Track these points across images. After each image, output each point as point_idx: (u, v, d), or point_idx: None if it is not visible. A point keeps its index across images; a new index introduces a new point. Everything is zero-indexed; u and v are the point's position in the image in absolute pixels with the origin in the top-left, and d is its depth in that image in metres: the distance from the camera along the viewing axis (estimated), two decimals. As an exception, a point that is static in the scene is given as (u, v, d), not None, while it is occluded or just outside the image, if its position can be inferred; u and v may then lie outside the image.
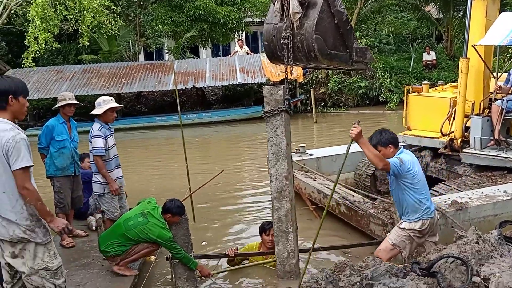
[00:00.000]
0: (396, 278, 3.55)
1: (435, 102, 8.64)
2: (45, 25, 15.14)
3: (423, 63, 20.95)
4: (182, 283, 5.31)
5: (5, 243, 3.55)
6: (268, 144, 5.09)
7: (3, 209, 3.49)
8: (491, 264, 3.56)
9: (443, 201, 6.26)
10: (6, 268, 3.63)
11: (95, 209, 6.99)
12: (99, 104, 5.93)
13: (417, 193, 4.68)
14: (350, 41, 4.17)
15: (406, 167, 4.61)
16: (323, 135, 15.68)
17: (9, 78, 3.68)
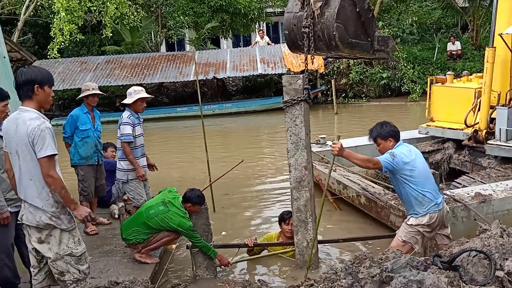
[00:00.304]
0: (416, 271, 3.51)
1: (459, 93, 8.53)
2: (69, 16, 15.36)
3: (447, 53, 20.55)
4: (202, 271, 5.36)
5: (32, 228, 3.63)
6: (287, 134, 5.08)
7: (30, 196, 3.56)
8: (515, 258, 3.53)
9: (466, 193, 6.18)
10: (33, 253, 3.71)
11: (117, 198, 7.10)
12: (130, 94, 6.07)
13: (419, 186, 4.57)
14: (371, 30, 4.12)
15: (400, 160, 4.51)
16: (343, 126, 15.57)
17: (36, 68, 3.73)
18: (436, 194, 4.64)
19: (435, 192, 4.63)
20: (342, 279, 3.49)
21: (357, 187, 7.09)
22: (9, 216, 4.40)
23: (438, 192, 4.70)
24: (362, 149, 8.84)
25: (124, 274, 5.04)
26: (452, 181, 7.58)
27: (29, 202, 3.57)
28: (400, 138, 4.80)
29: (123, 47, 20.93)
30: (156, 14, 21.52)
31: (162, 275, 5.30)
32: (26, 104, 3.57)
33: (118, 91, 20.46)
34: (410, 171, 4.54)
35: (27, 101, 3.57)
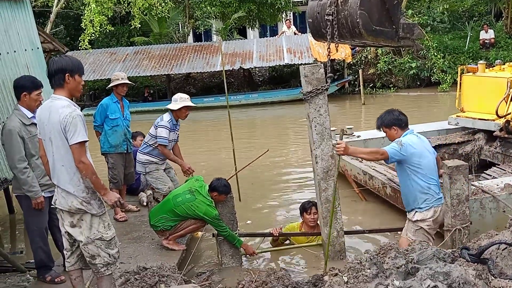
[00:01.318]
0: (443, 263, 3.48)
1: (491, 83, 8.33)
2: (99, 8, 15.62)
3: (480, 42, 20.03)
4: (227, 259, 5.43)
5: (64, 213, 3.74)
6: (312, 124, 5.03)
7: (62, 181, 3.66)
8: (547, 252, 3.47)
9: (495, 185, 6.09)
10: (66, 237, 3.82)
11: (146, 186, 7.21)
12: (175, 100, 6.20)
13: (425, 178, 4.51)
14: (396, 17, 4.04)
15: (408, 149, 4.44)
16: (371, 117, 15.34)
17: (66, 57, 3.82)
18: (439, 188, 4.61)
19: (438, 186, 4.60)
20: (367, 269, 3.49)
21: (383, 178, 7.04)
22: (43, 201, 4.55)
23: (439, 187, 4.67)
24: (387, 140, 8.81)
25: (152, 260, 5.14)
26: (482, 172, 7.48)
27: (61, 187, 3.68)
28: (409, 126, 4.72)
29: (151, 38, 21.14)
30: (183, 5, 21.63)
31: (188, 262, 5.38)
32: (57, 92, 3.66)
33: (147, 81, 20.73)
34: (418, 161, 4.48)
35: (58, 89, 3.66)
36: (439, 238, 5.70)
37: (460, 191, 5.22)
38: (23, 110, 4.56)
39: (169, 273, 4.53)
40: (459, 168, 5.21)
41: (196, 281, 4.83)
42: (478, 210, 5.58)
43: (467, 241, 4.95)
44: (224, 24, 21.89)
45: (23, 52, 5.85)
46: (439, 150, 8.32)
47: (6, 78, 5.35)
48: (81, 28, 16.75)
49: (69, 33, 22.63)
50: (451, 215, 5.27)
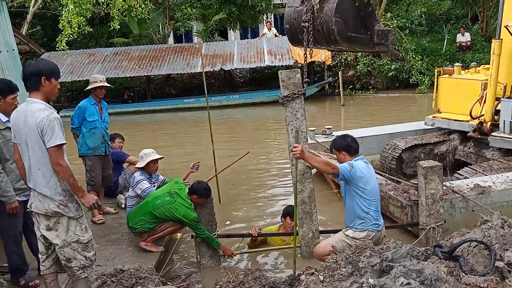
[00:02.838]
0: (416, 261, 3.54)
1: (466, 84, 8.49)
2: (78, 9, 15.47)
3: (457, 44, 20.40)
4: (206, 260, 5.45)
5: (40, 216, 3.71)
6: (288, 128, 5.11)
7: (39, 185, 3.64)
8: (515, 249, 3.55)
9: (466, 185, 6.23)
10: (42, 240, 3.80)
11: (124, 188, 7.18)
12: (141, 157, 6.14)
13: (366, 203, 4.59)
14: (371, 24, 4.12)
15: (357, 172, 4.53)
16: (350, 118, 15.55)
17: (43, 60, 3.79)
18: (378, 215, 4.68)
19: (378, 213, 4.67)
20: (342, 268, 3.54)
21: None
22: (18, 206, 4.49)
23: (380, 214, 4.73)
24: (368, 140, 8.93)
25: (129, 262, 5.13)
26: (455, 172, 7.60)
27: (38, 191, 3.65)
28: (358, 153, 4.80)
29: (131, 39, 20.99)
30: (163, 6, 21.53)
31: (166, 263, 5.39)
32: (33, 96, 3.64)
33: (126, 82, 20.58)
34: (363, 186, 4.57)
35: (34, 92, 3.64)
36: (413, 236, 5.81)
37: (435, 191, 5.35)
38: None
39: (146, 275, 4.53)
40: (434, 169, 5.33)
41: (173, 283, 4.85)
42: (448, 210, 5.71)
43: (440, 239, 5.06)
44: (204, 26, 21.85)
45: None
46: (415, 150, 8.45)
47: (-19, 81, 5.27)
48: (58, 29, 16.54)
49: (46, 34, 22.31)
50: (425, 214, 5.39)
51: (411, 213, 5.95)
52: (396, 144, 8.45)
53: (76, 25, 15.69)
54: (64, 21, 15.80)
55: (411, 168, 8.31)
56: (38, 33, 22.14)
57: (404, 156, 8.36)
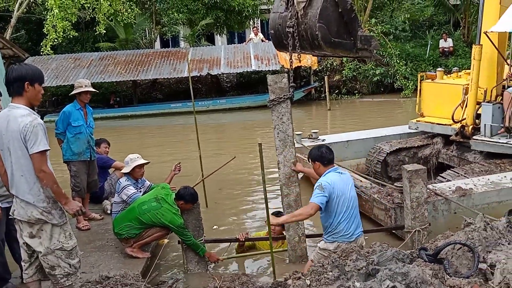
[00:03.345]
0: (402, 264, 3.56)
1: (448, 89, 8.59)
2: (63, 13, 15.32)
3: (439, 50, 20.63)
4: (193, 266, 5.42)
5: (23, 223, 3.65)
6: (274, 131, 5.13)
7: (22, 192, 3.58)
8: (498, 251, 3.55)
9: (448, 187, 6.31)
10: (24, 248, 3.74)
11: (110, 193, 7.11)
12: (126, 162, 6.08)
13: (337, 216, 4.52)
14: (354, 29, 4.17)
15: (328, 189, 4.48)
16: (336, 122, 15.64)
17: (27, 65, 3.75)
18: (350, 226, 4.54)
19: (350, 224, 4.53)
20: (328, 272, 3.54)
21: None
22: (1, 213, 4.41)
23: (356, 225, 4.59)
24: (354, 144, 8.98)
25: (115, 268, 5.07)
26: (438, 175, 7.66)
27: (20, 197, 3.60)
28: (333, 164, 4.73)
29: (117, 43, 20.87)
30: (150, 11, 21.45)
31: (153, 269, 5.34)
32: (16, 101, 3.59)
33: (112, 87, 20.44)
34: (336, 200, 4.49)
35: (17, 97, 3.59)
36: (398, 239, 5.84)
37: (419, 194, 5.38)
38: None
39: (132, 282, 4.47)
40: (418, 172, 5.37)
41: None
42: (431, 212, 5.76)
43: (425, 241, 5.08)
44: (191, 31, 21.81)
45: (-19, 59, 5.71)
46: (400, 153, 8.51)
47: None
48: (43, 33, 16.36)
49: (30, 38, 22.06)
50: (411, 217, 5.42)
51: (394, 216, 5.99)
52: (381, 148, 8.51)
53: (61, 29, 15.52)
54: (49, 26, 15.63)
55: (396, 171, 8.38)
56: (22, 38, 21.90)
57: (389, 160, 8.42)
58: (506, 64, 7.97)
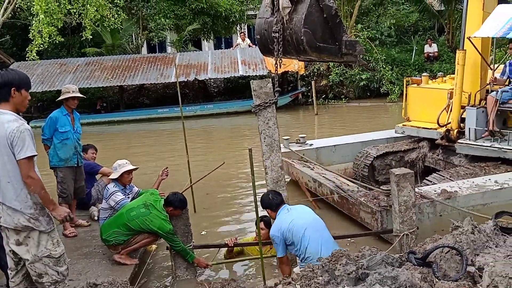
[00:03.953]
0: (391, 268, 3.57)
1: (433, 94, 8.67)
2: (49, 19, 15.19)
3: (424, 55, 20.84)
4: (182, 272, 5.38)
5: (10, 231, 3.60)
6: (261, 136, 5.13)
7: (8, 198, 3.53)
8: (486, 254, 3.57)
9: (433, 190, 6.35)
10: (11, 255, 3.68)
11: (97, 200, 7.05)
12: (115, 168, 6.02)
13: (301, 243, 4.59)
14: (339, 34, 4.20)
15: (277, 239, 4.67)
16: (323, 127, 15.70)
17: (13, 71, 3.71)
18: (319, 247, 4.54)
19: (319, 246, 4.54)
20: (319, 277, 3.53)
21: (331, 185, 7.18)
22: (-13, 220, 4.36)
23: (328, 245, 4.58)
24: (341, 148, 9.03)
25: (103, 275, 5.02)
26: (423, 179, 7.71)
27: (7, 204, 3.54)
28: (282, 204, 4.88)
29: (104, 49, 20.77)
30: (137, 17, 21.38)
31: (141, 276, 5.28)
32: (2, 107, 3.55)
33: (99, 92, 20.30)
34: (290, 234, 4.60)
35: (3, 103, 3.55)
36: (385, 243, 5.86)
37: (407, 198, 5.40)
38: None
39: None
40: (406, 176, 5.39)
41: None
42: (417, 215, 5.79)
43: (414, 245, 5.11)
44: (178, 36, 21.79)
45: (-34, 64, 5.63)
46: (387, 157, 8.57)
47: None
48: (29, 39, 16.19)
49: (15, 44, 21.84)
50: (399, 221, 5.44)
51: (381, 219, 6.02)
52: (368, 152, 8.55)
53: (47, 35, 15.39)
54: (35, 31, 15.49)
55: (383, 175, 8.43)
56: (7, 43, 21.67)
57: (376, 164, 8.46)
58: (489, 68, 8.06)
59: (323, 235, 4.74)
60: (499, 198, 6.30)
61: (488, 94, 7.64)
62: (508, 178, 6.73)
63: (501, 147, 7.24)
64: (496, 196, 6.32)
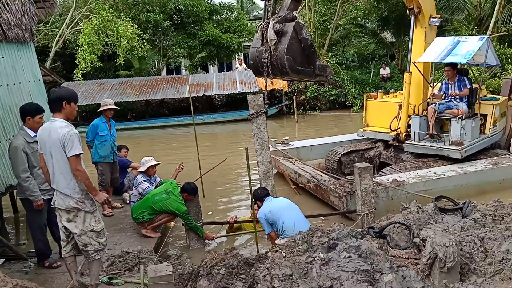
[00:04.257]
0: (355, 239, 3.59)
1: (387, 106, 8.71)
2: (90, 49, 15.17)
3: (380, 76, 20.84)
4: (193, 243, 5.39)
5: (62, 211, 3.61)
6: (254, 138, 5.15)
7: (61, 186, 3.53)
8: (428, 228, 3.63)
9: (387, 180, 6.39)
10: (63, 230, 3.69)
11: (128, 187, 7.02)
12: (142, 163, 6.06)
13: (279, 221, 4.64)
14: (313, 60, 4.20)
15: (263, 220, 4.73)
16: (302, 131, 15.69)
17: (64, 88, 3.72)
18: (293, 224, 4.56)
19: (293, 223, 4.57)
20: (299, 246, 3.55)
21: (308, 176, 7.19)
22: (43, 203, 4.36)
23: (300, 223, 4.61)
24: (316, 148, 9.04)
25: (133, 246, 5.02)
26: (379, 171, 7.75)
27: (60, 191, 3.55)
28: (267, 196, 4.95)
29: (133, 72, 20.67)
30: (158, 47, 21.27)
31: (163, 246, 5.29)
32: (56, 116, 3.55)
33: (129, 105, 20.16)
34: (271, 215, 4.67)
35: (57, 113, 3.55)
36: (350, 220, 5.88)
37: (367, 185, 5.46)
38: (27, 130, 4.37)
39: (147, 256, 4.42)
40: (366, 169, 5.44)
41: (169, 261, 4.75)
42: (374, 199, 5.84)
43: (372, 222, 5.14)
44: (190, 62, 21.74)
45: (27, 83, 5.59)
46: (351, 154, 8.58)
47: (13, 104, 5.10)
48: (75, 64, 16.11)
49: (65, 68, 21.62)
50: (361, 203, 5.48)
51: (346, 201, 6.05)
52: (336, 151, 8.57)
53: (89, 61, 15.35)
54: (80, 58, 15.44)
55: (348, 168, 8.44)
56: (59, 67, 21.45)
57: (343, 159, 8.48)
58: (429, 86, 8.09)
59: (297, 215, 4.77)
60: (437, 185, 6.38)
61: (429, 106, 7.68)
62: (444, 170, 6.82)
63: (439, 146, 7.30)
64: (435, 183, 6.40)
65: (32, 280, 3.98)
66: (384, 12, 20.40)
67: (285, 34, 4.07)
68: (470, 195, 6.13)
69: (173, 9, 21.16)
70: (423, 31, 7.76)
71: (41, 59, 19.85)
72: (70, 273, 3.85)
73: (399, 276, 2.98)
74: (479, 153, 7.66)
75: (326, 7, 19.68)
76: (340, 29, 21.27)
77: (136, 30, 16.24)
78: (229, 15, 23.55)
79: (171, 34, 20.88)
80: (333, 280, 2.95)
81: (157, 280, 2.99)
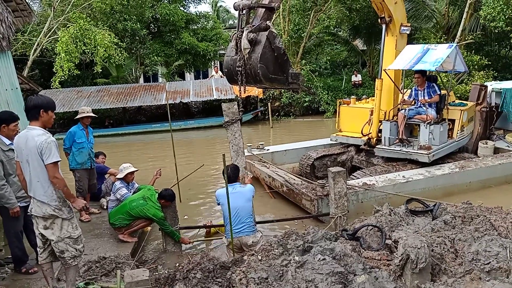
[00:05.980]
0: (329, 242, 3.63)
1: (359, 111, 8.77)
2: (68, 57, 14.91)
3: (352, 83, 21.10)
4: (170, 247, 5.33)
5: (39, 218, 3.52)
6: (229, 145, 5.13)
7: (38, 194, 3.45)
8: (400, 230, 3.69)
9: (357, 183, 6.44)
10: (40, 237, 3.60)
11: (106, 193, 6.87)
12: (121, 170, 5.97)
13: (225, 218, 4.63)
14: (286, 68, 4.19)
15: (217, 199, 4.74)
16: (277, 136, 15.77)
17: (41, 96, 3.63)
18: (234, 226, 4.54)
19: (234, 225, 4.55)
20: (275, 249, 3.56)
21: (281, 180, 7.16)
22: (19, 210, 4.25)
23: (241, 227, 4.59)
24: (290, 152, 9.06)
25: (110, 251, 4.92)
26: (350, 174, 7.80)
27: (37, 198, 3.46)
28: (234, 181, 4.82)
29: (111, 79, 20.31)
30: (136, 55, 20.97)
31: (140, 251, 5.20)
32: (33, 124, 3.46)
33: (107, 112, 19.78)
34: (221, 206, 4.66)
35: (34, 121, 3.47)
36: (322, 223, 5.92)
37: (341, 189, 5.49)
38: (3, 138, 4.24)
39: (124, 261, 4.35)
40: (339, 173, 5.48)
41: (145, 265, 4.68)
42: None
43: (345, 224, 5.19)
44: (167, 70, 21.54)
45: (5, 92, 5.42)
46: (324, 158, 8.59)
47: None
48: (53, 72, 15.68)
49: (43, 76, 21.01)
50: (334, 206, 5.51)
51: (317, 205, 6.04)
52: (309, 155, 8.59)
53: (67, 69, 15.01)
54: (57, 66, 15.09)
55: (321, 172, 8.49)
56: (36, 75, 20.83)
57: (316, 163, 8.50)
58: (400, 92, 8.20)
59: (243, 205, 4.65)
60: (405, 188, 6.45)
61: (399, 112, 7.75)
62: (413, 174, 6.90)
63: (408, 151, 7.38)
64: (403, 186, 6.46)
65: (9, 286, 3.87)
66: (356, 21, 20.75)
67: (259, 43, 4.06)
68: (437, 197, 6.22)
69: (150, 18, 20.96)
70: (394, 39, 7.86)
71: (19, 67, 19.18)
72: (46, 279, 3.74)
73: (372, 277, 3.02)
74: (447, 157, 7.78)
75: (300, 16, 19.88)
76: (313, 37, 21.54)
77: (114, 38, 15.99)
78: (205, 24, 23.51)
79: (148, 43, 20.64)
80: (308, 282, 2.97)
81: (134, 285, 2.94)
